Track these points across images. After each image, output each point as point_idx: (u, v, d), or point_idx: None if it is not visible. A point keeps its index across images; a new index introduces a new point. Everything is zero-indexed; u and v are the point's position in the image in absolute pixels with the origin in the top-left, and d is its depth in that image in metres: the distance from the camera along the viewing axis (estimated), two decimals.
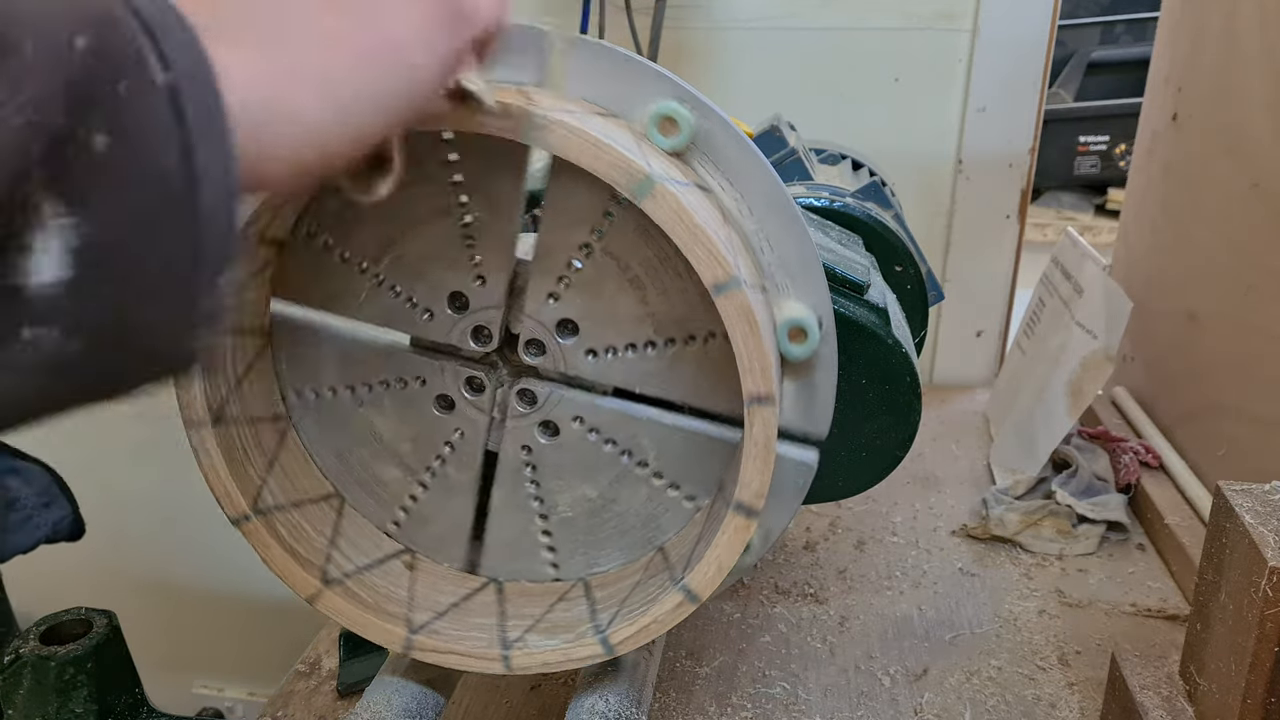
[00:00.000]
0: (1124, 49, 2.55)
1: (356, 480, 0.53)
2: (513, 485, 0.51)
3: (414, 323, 0.49)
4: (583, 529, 0.51)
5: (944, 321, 1.11)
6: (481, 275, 0.48)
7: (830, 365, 0.46)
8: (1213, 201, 0.82)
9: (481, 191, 0.46)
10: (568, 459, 0.50)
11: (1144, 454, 0.84)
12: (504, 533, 0.52)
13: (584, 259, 0.46)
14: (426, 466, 0.52)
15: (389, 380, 0.51)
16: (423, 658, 0.49)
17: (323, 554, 0.51)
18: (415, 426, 0.51)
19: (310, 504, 0.52)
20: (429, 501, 0.53)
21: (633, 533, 0.51)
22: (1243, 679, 0.46)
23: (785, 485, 0.47)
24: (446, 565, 0.54)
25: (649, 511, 0.50)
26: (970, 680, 0.64)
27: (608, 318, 0.47)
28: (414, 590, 0.52)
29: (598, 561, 0.52)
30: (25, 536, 0.64)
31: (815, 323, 0.44)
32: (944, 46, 1.03)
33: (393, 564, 0.53)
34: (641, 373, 0.48)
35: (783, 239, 0.45)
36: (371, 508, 0.54)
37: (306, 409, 0.52)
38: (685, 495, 0.50)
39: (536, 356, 0.48)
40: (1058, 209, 2.34)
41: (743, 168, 0.45)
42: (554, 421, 0.49)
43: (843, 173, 0.76)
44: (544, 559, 0.53)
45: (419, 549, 0.54)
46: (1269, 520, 0.46)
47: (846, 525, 0.82)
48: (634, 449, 0.49)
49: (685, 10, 1.04)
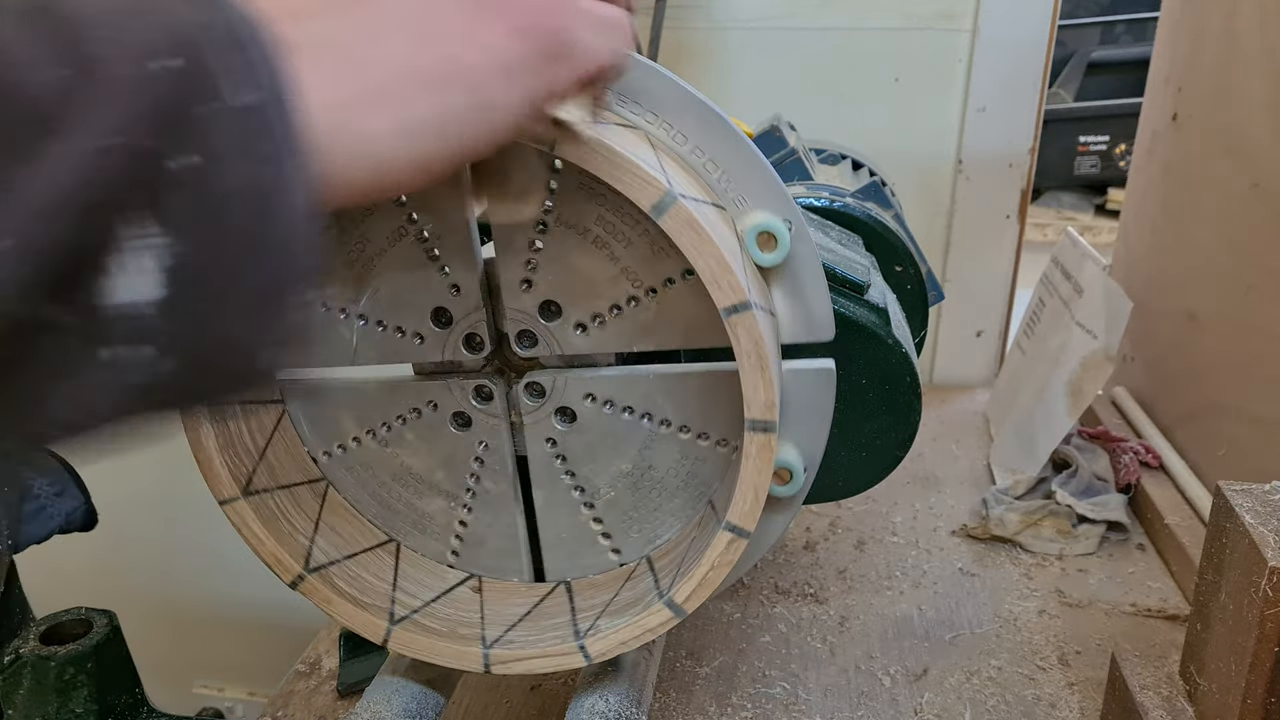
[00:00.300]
0: (1124, 49, 2.55)
1: (405, 521, 0.54)
2: (550, 482, 0.51)
3: (409, 351, 0.50)
4: (629, 505, 0.51)
5: (944, 321, 1.11)
6: (455, 284, 0.48)
7: (814, 266, 0.46)
8: (1213, 201, 0.82)
9: (426, 204, 0.47)
10: (593, 439, 0.50)
11: (1144, 454, 0.84)
12: (557, 532, 0.52)
13: (543, 236, 0.47)
14: (465, 488, 0.52)
15: (404, 414, 0.51)
16: (504, 670, 0.49)
17: (386, 597, 0.51)
18: (442, 451, 0.52)
19: (365, 553, 0.53)
20: (478, 522, 0.53)
21: (679, 494, 0.51)
22: (1243, 679, 0.46)
23: (809, 399, 0.46)
24: (514, 580, 0.54)
25: (687, 468, 0.50)
26: (970, 680, 0.64)
27: (584, 287, 0.47)
28: (485, 610, 0.52)
29: (656, 534, 0.52)
30: (39, 526, 0.64)
31: (783, 225, 0.44)
32: (944, 46, 1.03)
33: (460, 591, 0.53)
34: (634, 331, 0.48)
35: (726, 156, 0.45)
36: (426, 543, 0.54)
37: (337, 465, 0.53)
38: (716, 441, 0.49)
39: (531, 348, 0.49)
40: (1058, 209, 2.34)
41: (668, 101, 0.44)
42: (568, 406, 0.50)
43: (843, 173, 0.76)
44: (603, 548, 0.52)
45: (482, 572, 0.54)
46: (1269, 520, 0.46)
47: (846, 525, 0.82)
48: (652, 409, 0.49)
49: (685, 10, 1.04)
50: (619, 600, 0.50)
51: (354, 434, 0.52)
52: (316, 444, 0.53)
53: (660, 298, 0.47)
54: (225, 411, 0.48)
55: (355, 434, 0.52)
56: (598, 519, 0.52)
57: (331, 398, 0.52)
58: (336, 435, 0.53)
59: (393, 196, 0.31)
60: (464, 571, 0.54)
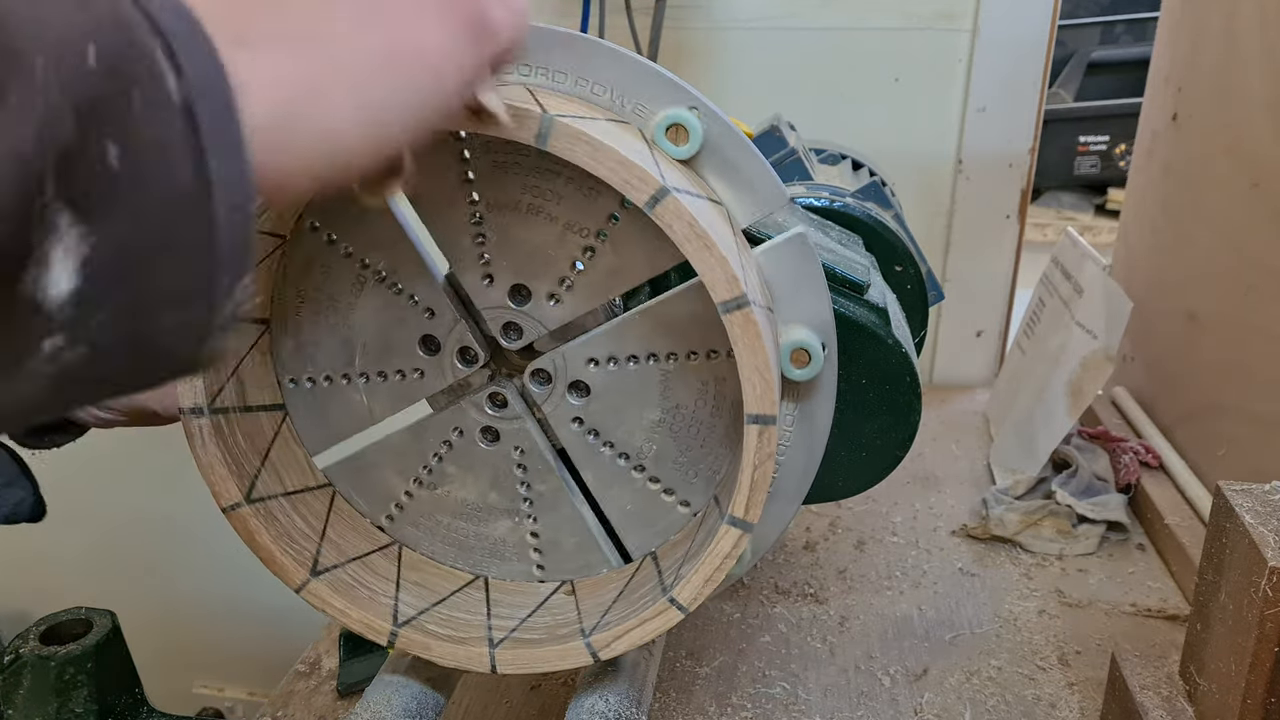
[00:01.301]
0: (1124, 49, 2.55)
1: (481, 554, 0.54)
2: (593, 460, 0.51)
3: (416, 389, 0.50)
4: (675, 453, 0.51)
5: (944, 321, 1.11)
6: (428, 308, 0.49)
7: (737, 140, 0.45)
8: (1213, 201, 0.82)
9: (366, 242, 0.48)
10: (613, 400, 0.50)
11: (1144, 454, 0.84)
12: (621, 506, 0.52)
13: (480, 226, 0.47)
14: (521, 499, 0.52)
15: (437, 451, 0.52)
16: (609, 654, 0.48)
17: (483, 627, 0.52)
18: (485, 473, 0.52)
19: (456, 595, 0.53)
20: (546, 527, 0.53)
21: (716, 422, 0.50)
22: (1243, 679, 0.46)
23: (795, 271, 0.46)
24: (604, 571, 0.54)
25: (712, 392, 0.49)
26: (970, 680, 0.64)
27: (538, 258, 0.47)
28: (580, 607, 0.52)
29: (714, 470, 0.51)
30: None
31: (689, 114, 0.44)
32: (944, 46, 1.03)
33: (555, 599, 0.54)
34: (602, 281, 0.48)
35: (611, 75, 0.44)
36: (509, 568, 0.54)
37: (401, 525, 0.54)
38: (727, 352, 0.48)
39: (519, 338, 0.49)
40: (1058, 209, 2.34)
41: (534, 45, 0.44)
42: (577, 380, 0.49)
43: (843, 173, 0.76)
44: (670, 504, 0.52)
45: (573, 575, 0.54)
46: (1269, 520, 0.46)
47: (846, 525, 0.82)
48: (653, 349, 0.49)
49: (685, 10, 1.04)
50: (695, 545, 0.50)
51: (403, 488, 0.53)
52: (375, 511, 0.54)
53: (612, 238, 0.47)
54: (272, 508, 0.49)
55: (404, 488, 0.53)
56: (653, 478, 0.51)
57: (370, 463, 0.53)
58: (388, 496, 0.53)
59: (349, 180, 0.31)
60: (555, 581, 0.54)
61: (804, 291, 0.47)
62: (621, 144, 0.40)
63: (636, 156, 0.40)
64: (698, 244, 0.40)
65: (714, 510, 0.49)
